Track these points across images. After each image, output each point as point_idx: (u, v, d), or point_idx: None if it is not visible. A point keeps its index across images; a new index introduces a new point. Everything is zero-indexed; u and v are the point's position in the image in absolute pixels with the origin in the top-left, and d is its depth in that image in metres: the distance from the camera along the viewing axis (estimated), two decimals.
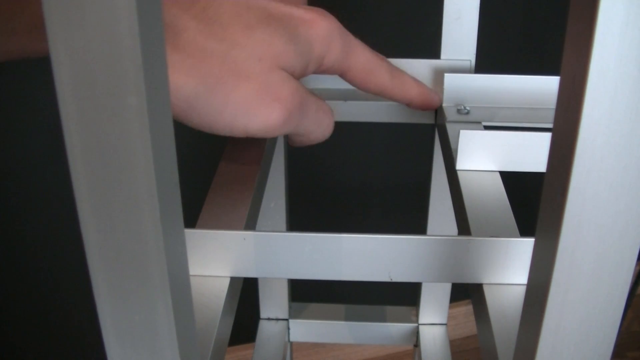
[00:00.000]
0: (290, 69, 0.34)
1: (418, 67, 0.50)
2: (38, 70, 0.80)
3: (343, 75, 0.39)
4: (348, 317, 0.67)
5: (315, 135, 0.37)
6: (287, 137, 0.39)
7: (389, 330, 0.68)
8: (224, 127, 0.33)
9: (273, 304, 0.66)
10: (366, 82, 0.39)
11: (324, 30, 0.36)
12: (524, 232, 0.33)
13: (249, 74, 0.32)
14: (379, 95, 0.41)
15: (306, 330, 0.67)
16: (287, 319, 0.67)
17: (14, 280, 0.98)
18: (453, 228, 0.58)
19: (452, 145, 0.41)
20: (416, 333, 0.67)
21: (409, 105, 0.43)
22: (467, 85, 0.47)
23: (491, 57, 0.63)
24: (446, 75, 0.47)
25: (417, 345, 0.67)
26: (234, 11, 0.33)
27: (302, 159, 1.00)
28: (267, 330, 0.66)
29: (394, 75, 0.41)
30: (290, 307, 0.67)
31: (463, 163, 0.40)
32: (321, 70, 0.37)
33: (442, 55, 0.50)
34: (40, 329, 1.03)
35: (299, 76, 0.35)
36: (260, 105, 0.33)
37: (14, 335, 1.04)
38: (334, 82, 0.51)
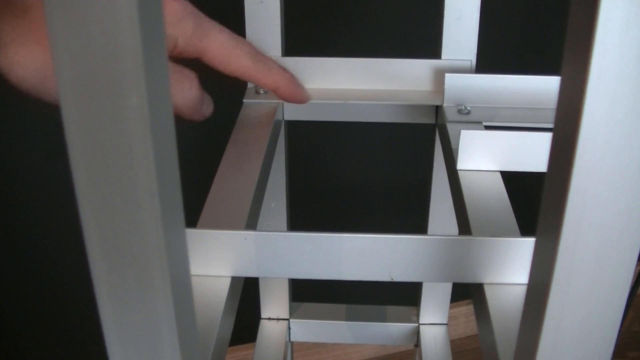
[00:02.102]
0: None
1: (418, 67, 0.50)
2: None
3: (201, 58, 0.39)
4: (349, 317, 0.67)
5: (179, 101, 0.37)
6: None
7: (390, 330, 0.68)
8: None
9: (274, 303, 0.66)
10: (226, 64, 0.40)
11: (174, 12, 0.37)
12: (525, 231, 0.33)
13: None
14: (242, 78, 0.42)
15: (307, 330, 0.67)
16: (287, 319, 0.67)
17: (15, 280, 0.98)
18: (454, 228, 0.58)
19: (453, 145, 0.41)
20: (417, 333, 0.67)
21: (277, 91, 0.44)
22: (468, 85, 0.47)
23: (492, 57, 0.63)
24: (447, 75, 0.47)
25: (417, 345, 0.67)
26: None
27: (303, 159, 1.00)
28: (267, 330, 0.66)
29: (257, 59, 0.41)
30: (290, 307, 0.67)
31: (464, 163, 0.40)
32: (178, 52, 0.38)
33: (443, 55, 0.50)
34: (42, 329, 1.03)
35: None
36: None
37: (15, 335, 1.04)
38: (334, 82, 0.51)
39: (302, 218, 0.82)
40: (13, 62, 0.31)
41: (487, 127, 0.45)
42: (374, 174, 1.10)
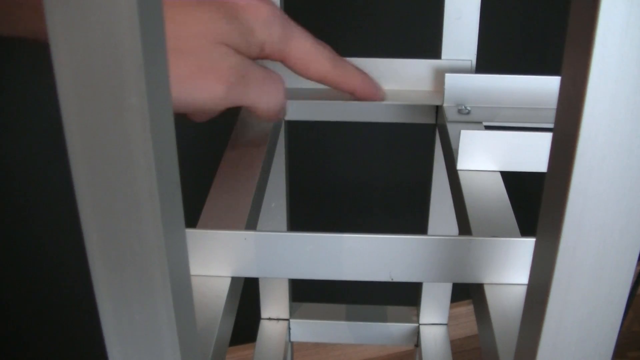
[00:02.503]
0: (233, 46, 0.35)
1: (418, 67, 0.50)
2: (39, 70, 0.80)
3: (284, 62, 0.40)
4: (349, 317, 0.67)
5: (263, 106, 0.38)
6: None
7: (390, 330, 0.68)
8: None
9: (274, 303, 0.66)
10: (306, 69, 0.40)
11: (263, 16, 0.37)
12: (525, 232, 0.33)
13: (191, 50, 0.33)
14: (321, 82, 0.42)
15: (307, 330, 0.67)
16: (287, 319, 0.67)
17: (14, 280, 0.98)
18: (454, 228, 0.58)
19: (453, 145, 0.41)
20: (417, 333, 0.67)
21: (353, 94, 0.44)
22: (468, 85, 0.47)
23: (492, 57, 0.63)
24: (447, 75, 0.47)
25: (417, 345, 0.67)
26: None
27: (303, 159, 1.00)
28: (267, 330, 0.66)
29: (336, 64, 0.41)
30: (291, 307, 0.67)
31: (464, 163, 0.40)
32: (263, 55, 0.38)
33: (443, 55, 0.50)
34: (41, 328, 1.03)
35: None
36: (201, 79, 0.34)
37: (14, 335, 1.04)
38: None
39: (302, 218, 0.82)
40: None
41: (487, 127, 0.45)
42: (374, 174, 1.10)
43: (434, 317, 0.66)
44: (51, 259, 0.98)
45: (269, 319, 0.67)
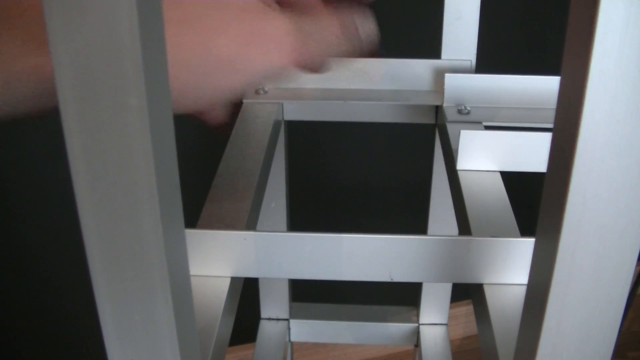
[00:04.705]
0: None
1: (418, 67, 0.50)
2: None
3: None
4: (348, 317, 0.67)
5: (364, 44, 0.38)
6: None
7: (390, 330, 0.68)
8: None
9: (274, 304, 0.66)
10: None
11: None
12: (525, 232, 0.33)
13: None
14: None
15: (307, 330, 0.67)
16: (287, 319, 0.67)
17: (14, 280, 0.98)
18: (454, 228, 0.58)
19: (453, 145, 0.41)
20: (417, 333, 0.67)
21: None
22: (468, 85, 0.47)
23: (491, 57, 0.63)
24: (447, 75, 0.47)
25: (417, 345, 0.67)
26: None
27: (303, 159, 1.00)
28: (267, 330, 0.66)
29: None
30: (290, 307, 0.67)
31: (464, 163, 0.40)
32: None
33: (443, 55, 0.50)
34: (41, 329, 1.03)
35: None
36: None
37: (14, 335, 1.04)
38: (334, 82, 0.51)
39: (302, 218, 0.82)
40: None
41: (487, 127, 0.45)
42: (373, 174, 1.10)
43: (434, 317, 0.66)
44: (51, 259, 0.98)
45: (269, 319, 0.67)
